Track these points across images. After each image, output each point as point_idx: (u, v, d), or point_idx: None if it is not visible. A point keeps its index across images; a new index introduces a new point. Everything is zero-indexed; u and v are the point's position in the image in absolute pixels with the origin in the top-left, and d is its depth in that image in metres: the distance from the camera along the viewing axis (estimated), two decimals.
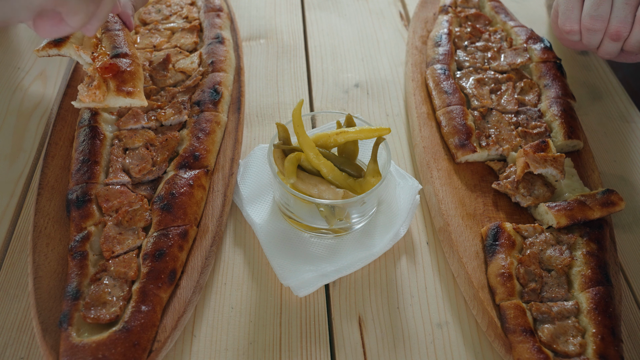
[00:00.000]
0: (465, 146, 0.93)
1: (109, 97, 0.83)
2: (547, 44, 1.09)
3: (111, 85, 0.83)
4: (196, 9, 1.17)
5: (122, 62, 0.85)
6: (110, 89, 0.83)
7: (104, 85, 0.83)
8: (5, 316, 0.78)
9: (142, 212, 0.82)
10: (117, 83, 0.83)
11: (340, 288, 0.82)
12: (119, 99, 0.83)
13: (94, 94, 0.82)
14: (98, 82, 0.82)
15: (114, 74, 0.83)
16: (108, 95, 0.83)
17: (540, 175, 0.90)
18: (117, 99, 0.83)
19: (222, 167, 0.92)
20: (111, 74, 0.83)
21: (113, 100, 0.83)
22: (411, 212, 0.87)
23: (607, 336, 0.72)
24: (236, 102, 1.03)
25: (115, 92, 0.83)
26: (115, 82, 0.83)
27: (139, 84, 0.86)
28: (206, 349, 0.76)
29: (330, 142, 0.85)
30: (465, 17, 1.18)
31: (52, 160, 0.91)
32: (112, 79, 0.83)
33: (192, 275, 0.79)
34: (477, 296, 0.78)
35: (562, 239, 0.83)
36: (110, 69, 0.83)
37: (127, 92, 0.83)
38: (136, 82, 0.85)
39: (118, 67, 0.84)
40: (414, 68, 1.10)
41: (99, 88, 0.82)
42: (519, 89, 1.03)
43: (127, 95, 0.83)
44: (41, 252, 0.79)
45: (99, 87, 0.82)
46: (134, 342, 0.69)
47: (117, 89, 0.83)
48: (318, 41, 1.24)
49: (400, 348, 0.76)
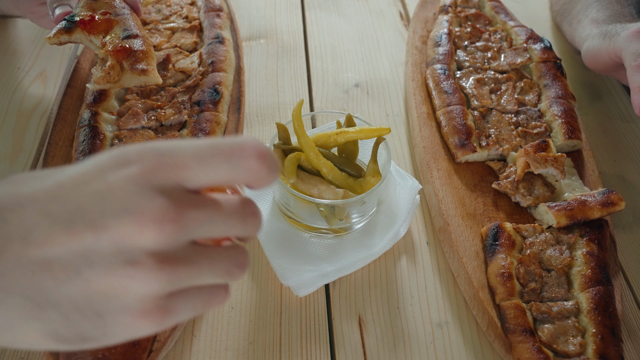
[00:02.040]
0: (465, 146, 0.93)
1: (124, 76, 0.83)
2: (547, 44, 1.09)
3: (125, 64, 0.83)
4: (196, 9, 1.17)
5: (134, 42, 0.85)
6: (124, 68, 0.83)
7: (118, 65, 0.83)
8: None
9: None
10: (130, 62, 0.83)
11: (340, 288, 0.82)
12: (134, 78, 0.83)
13: (108, 75, 0.82)
14: (112, 62, 0.82)
15: (126, 55, 0.83)
16: (122, 75, 0.83)
17: (540, 175, 0.90)
18: (131, 78, 0.83)
19: None
20: (124, 56, 0.83)
21: (128, 79, 0.83)
22: (411, 212, 0.87)
23: (607, 336, 0.72)
24: (236, 102, 1.03)
25: (130, 70, 0.82)
26: (129, 61, 0.83)
27: (152, 62, 0.86)
28: (206, 349, 0.76)
29: (330, 142, 0.85)
30: (465, 17, 1.18)
31: (52, 160, 0.91)
32: (125, 59, 0.83)
33: None
34: (477, 296, 0.78)
35: (562, 239, 0.83)
36: (122, 50, 0.83)
37: (141, 70, 0.83)
38: (149, 60, 0.85)
39: (130, 48, 0.84)
40: (414, 68, 1.10)
41: (113, 68, 0.82)
42: (519, 89, 1.03)
43: (141, 74, 0.83)
44: None
45: (113, 67, 0.82)
46: (133, 342, 0.69)
47: (131, 67, 0.82)
48: (318, 41, 1.24)
49: (400, 348, 0.76)
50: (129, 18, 0.90)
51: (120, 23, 0.88)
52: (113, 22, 0.88)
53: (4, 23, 1.23)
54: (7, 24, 1.23)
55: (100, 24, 0.87)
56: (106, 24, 0.87)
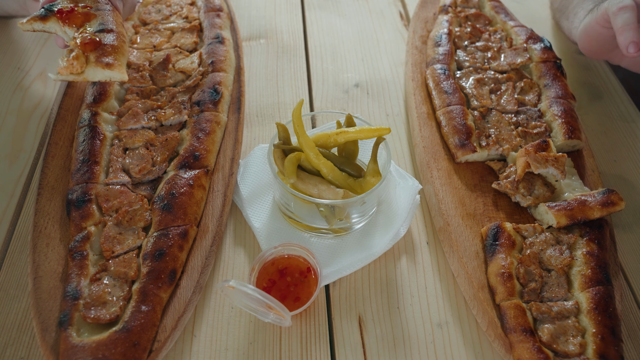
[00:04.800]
0: (465, 146, 0.93)
1: (88, 68, 0.80)
2: (547, 44, 1.09)
3: (91, 57, 0.80)
4: (196, 9, 1.17)
5: (105, 36, 0.83)
6: (89, 60, 0.80)
7: (83, 57, 0.80)
8: (5, 316, 0.78)
9: (142, 212, 0.82)
10: (97, 55, 0.80)
11: (340, 288, 0.82)
12: (98, 71, 0.80)
13: (71, 65, 0.79)
14: (77, 53, 0.80)
15: (95, 47, 0.81)
16: (87, 67, 0.80)
17: (540, 175, 0.90)
18: (95, 71, 0.80)
19: (222, 167, 0.92)
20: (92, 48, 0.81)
21: (92, 72, 0.80)
22: (411, 212, 0.87)
23: (607, 336, 0.72)
24: (236, 102, 1.03)
25: (94, 63, 0.80)
26: (96, 53, 0.80)
27: (121, 58, 0.83)
28: (206, 349, 0.76)
29: (330, 142, 0.85)
30: (465, 17, 1.18)
31: (52, 160, 0.91)
32: (92, 52, 0.81)
33: (192, 275, 0.79)
34: (477, 296, 0.78)
35: (562, 238, 0.83)
36: (91, 43, 0.81)
37: (106, 64, 0.80)
38: (118, 56, 0.82)
39: (99, 42, 0.81)
40: (414, 68, 1.10)
41: (77, 59, 0.79)
42: (519, 88, 1.03)
43: (106, 67, 0.80)
44: (41, 252, 0.79)
45: (77, 58, 0.79)
46: (134, 342, 0.69)
47: (97, 59, 0.80)
48: (318, 41, 1.24)
49: (400, 348, 0.76)
50: (109, 14, 0.88)
51: (99, 17, 0.86)
52: (91, 16, 0.86)
53: (5, 23, 1.23)
54: (7, 24, 1.23)
55: (78, 17, 0.85)
56: (84, 17, 0.86)
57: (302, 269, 0.80)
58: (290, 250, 0.81)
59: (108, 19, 0.87)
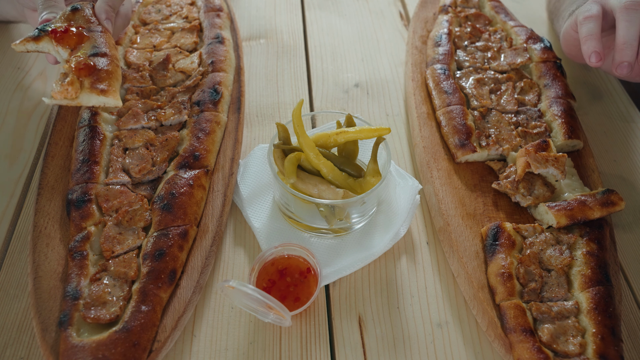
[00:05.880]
0: (465, 146, 0.93)
1: (82, 94, 0.80)
2: (547, 44, 1.09)
3: (85, 82, 0.80)
4: (196, 9, 1.17)
5: (99, 61, 0.83)
6: (84, 85, 0.80)
7: (78, 82, 0.80)
8: (5, 316, 0.78)
9: (142, 212, 0.82)
10: (91, 80, 0.80)
11: (340, 288, 0.82)
12: (92, 97, 0.80)
13: (66, 90, 0.79)
14: (72, 78, 0.79)
15: (89, 72, 0.81)
16: (81, 93, 0.80)
17: (540, 175, 0.90)
18: (90, 97, 0.80)
19: (222, 167, 0.92)
20: (86, 73, 0.80)
21: (86, 98, 0.80)
22: (411, 212, 0.87)
23: (607, 336, 0.72)
24: (236, 102, 1.03)
25: (89, 89, 0.80)
26: (90, 79, 0.80)
27: (115, 84, 0.83)
28: (206, 349, 0.76)
29: (330, 142, 0.85)
30: (465, 17, 1.18)
31: (52, 160, 0.91)
32: (86, 77, 0.80)
33: (192, 275, 0.79)
34: (477, 296, 0.78)
35: (562, 238, 0.83)
36: (85, 68, 0.80)
37: (100, 90, 0.80)
38: (112, 81, 0.82)
39: (94, 66, 0.81)
40: (414, 68, 1.10)
41: (72, 84, 0.79)
42: (519, 88, 1.03)
43: (100, 93, 0.80)
44: (41, 252, 0.79)
45: (72, 83, 0.79)
46: (134, 342, 0.69)
47: (91, 85, 0.80)
48: (318, 41, 1.24)
49: (400, 348, 0.76)
50: (102, 36, 0.88)
51: (92, 39, 0.86)
52: (84, 37, 0.86)
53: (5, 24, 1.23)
54: (7, 25, 1.23)
55: (71, 37, 0.85)
56: (77, 38, 0.85)
57: (302, 269, 0.80)
58: (290, 250, 0.81)
59: (101, 41, 0.86)
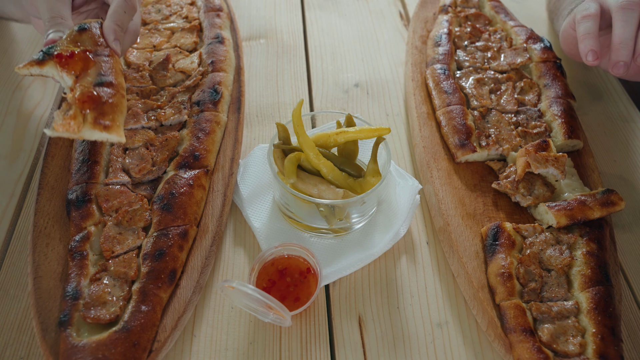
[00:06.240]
0: (465, 146, 0.93)
1: (85, 128, 0.75)
2: (547, 44, 1.09)
3: (89, 116, 0.76)
4: (196, 9, 1.17)
5: (104, 91, 0.78)
6: (87, 120, 0.76)
7: (81, 116, 0.75)
8: (5, 316, 0.78)
9: (142, 212, 0.82)
10: (95, 115, 0.75)
11: (340, 288, 0.82)
12: (95, 132, 0.76)
13: (68, 124, 0.74)
14: (74, 112, 0.75)
15: (93, 106, 0.76)
16: (84, 127, 0.75)
17: (540, 175, 0.90)
18: (92, 132, 0.76)
19: (222, 167, 0.92)
20: (90, 106, 0.76)
21: (88, 132, 0.76)
22: (411, 212, 0.87)
23: (607, 336, 0.72)
24: (236, 102, 1.03)
25: (92, 124, 0.75)
26: (94, 113, 0.76)
27: (119, 117, 0.79)
28: (206, 349, 0.76)
29: (330, 142, 0.85)
30: (465, 17, 1.18)
31: (52, 160, 0.91)
32: (90, 110, 0.76)
33: (192, 275, 0.79)
34: (477, 296, 0.78)
35: (562, 238, 0.83)
36: (89, 101, 0.76)
37: (104, 126, 0.75)
38: (116, 116, 0.78)
39: (98, 99, 0.77)
40: (414, 68, 1.10)
41: (75, 119, 0.75)
42: (518, 88, 1.03)
43: (103, 130, 0.76)
44: (41, 252, 0.79)
45: (75, 117, 0.75)
46: (134, 342, 0.69)
47: (94, 121, 0.75)
48: (318, 41, 1.24)
49: (400, 348, 0.76)
50: (108, 61, 0.83)
51: (97, 65, 0.81)
52: (90, 63, 0.80)
53: (5, 23, 1.23)
54: (7, 24, 1.23)
55: (77, 63, 0.80)
56: (83, 63, 0.80)
57: (302, 269, 0.80)
58: (290, 250, 0.81)
59: (107, 68, 0.82)
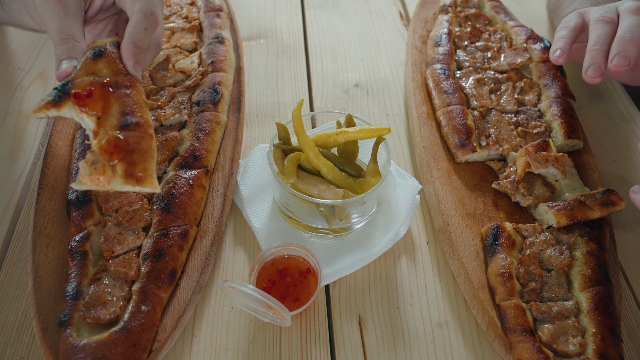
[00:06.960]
0: (465, 146, 0.93)
1: (115, 182, 0.67)
2: (547, 44, 1.09)
3: (118, 169, 0.67)
4: (196, 9, 1.17)
5: (131, 136, 0.69)
6: (116, 172, 0.67)
7: (109, 168, 0.67)
8: (5, 316, 0.78)
9: (142, 212, 0.82)
10: (125, 167, 0.67)
11: (340, 288, 0.82)
12: (126, 186, 0.68)
13: (97, 180, 0.66)
14: (102, 164, 0.67)
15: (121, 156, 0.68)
16: (114, 180, 0.67)
17: (540, 175, 0.90)
18: (123, 186, 0.68)
19: (222, 167, 0.92)
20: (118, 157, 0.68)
21: (119, 186, 0.68)
22: (411, 212, 0.87)
23: (607, 336, 0.72)
24: (236, 102, 1.03)
25: (123, 178, 0.67)
26: (124, 165, 0.67)
27: (151, 164, 0.70)
28: (206, 349, 0.76)
29: (330, 142, 0.85)
30: (465, 17, 1.18)
31: (52, 160, 0.91)
32: (119, 161, 0.68)
33: (192, 275, 0.79)
34: (477, 296, 0.78)
35: (562, 238, 0.83)
36: (117, 151, 0.68)
37: (136, 180, 0.67)
38: (147, 164, 0.69)
39: (126, 146, 0.68)
40: (414, 68, 1.10)
41: (104, 173, 0.66)
42: (518, 88, 1.03)
43: (136, 184, 0.67)
44: (41, 252, 0.79)
45: (104, 172, 0.66)
46: (134, 342, 0.69)
47: (125, 175, 0.67)
48: (318, 41, 1.24)
49: (400, 348, 0.76)
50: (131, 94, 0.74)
51: (120, 102, 0.72)
52: (112, 99, 0.72)
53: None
54: None
55: (97, 102, 0.71)
56: (103, 102, 0.71)
57: (302, 269, 0.80)
58: (290, 251, 0.81)
59: (130, 103, 0.73)
